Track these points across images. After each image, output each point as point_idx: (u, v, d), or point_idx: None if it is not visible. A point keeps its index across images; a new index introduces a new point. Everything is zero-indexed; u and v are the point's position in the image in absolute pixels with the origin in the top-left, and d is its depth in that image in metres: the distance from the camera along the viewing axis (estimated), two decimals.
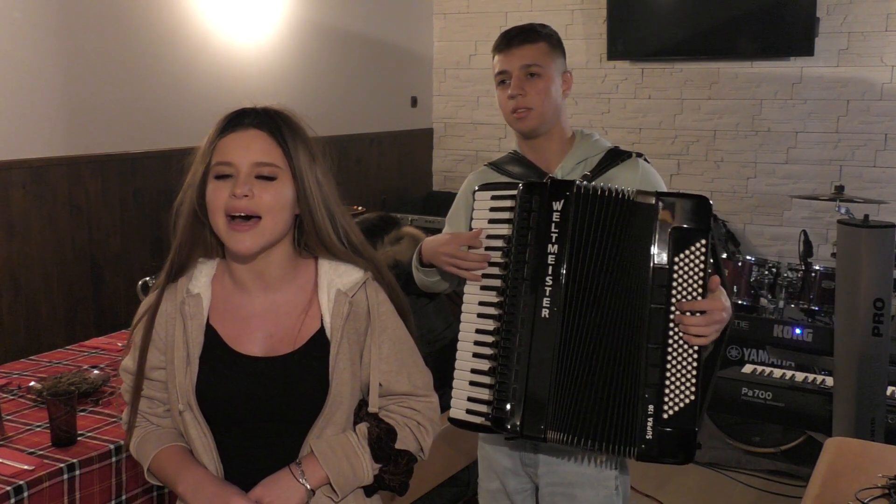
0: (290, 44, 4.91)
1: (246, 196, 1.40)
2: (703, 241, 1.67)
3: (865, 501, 1.76)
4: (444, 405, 2.14)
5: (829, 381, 3.49)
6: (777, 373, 3.68)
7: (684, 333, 1.68)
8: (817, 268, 3.97)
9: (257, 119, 1.46)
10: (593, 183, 1.80)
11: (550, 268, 1.75)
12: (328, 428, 1.47)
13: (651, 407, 1.69)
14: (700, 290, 1.68)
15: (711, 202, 1.70)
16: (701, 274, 1.68)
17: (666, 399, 1.69)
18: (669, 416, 1.69)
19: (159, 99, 4.08)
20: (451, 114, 6.22)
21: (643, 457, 1.72)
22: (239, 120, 1.46)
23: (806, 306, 3.95)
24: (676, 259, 1.69)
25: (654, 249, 1.70)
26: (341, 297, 1.48)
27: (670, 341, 1.69)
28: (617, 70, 5.56)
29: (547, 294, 1.74)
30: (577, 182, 1.78)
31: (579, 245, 1.74)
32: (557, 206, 1.75)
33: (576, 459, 1.95)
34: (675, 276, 1.69)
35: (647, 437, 1.70)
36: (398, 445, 1.51)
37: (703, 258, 1.68)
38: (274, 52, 4.80)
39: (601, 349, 1.74)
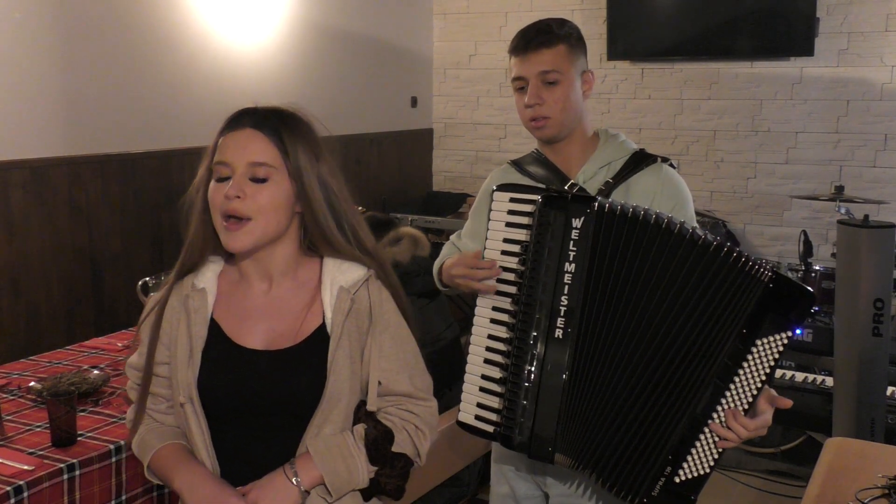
0: (290, 44, 4.91)
1: (238, 197, 1.41)
2: (787, 335, 1.57)
3: (865, 501, 1.76)
4: (444, 406, 2.13)
5: (829, 381, 3.49)
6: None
7: (724, 427, 1.62)
8: (817, 268, 3.97)
9: (256, 119, 1.46)
10: (621, 202, 1.70)
11: (567, 287, 1.67)
12: (326, 426, 1.46)
13: (669, 468, 1.65)
14: (761, 383, 1.60)
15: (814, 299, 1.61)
16: (771, 364, 1.59)
17: (685, 465, 1.65)
18: (682, 480, 1.65)
19: (159, 99, 4.08)
20: (451, 114, 6.22)
21: None
22: (239, 119, 1.47)
23: None
24: (758, 342, 1.58)
25: (744, 324, 1.59)
26: (343, 294, 1.48)
27: (714, 415, 1.62)
28: (617, 70, 5.56)
29: (562, 314, 1.67)
30: (600, 199, 1.69)
31: (601, 266, 1.66)
32: (577, 223, 1.66)
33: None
34: (749, 356, 1.59)
35: (653, 493, 1.66)
36: (395, 448, 1.50)
37: (778, 351, 1.58)
38: (274, 52, 4.79)
39: (623, 383, 1.67)
